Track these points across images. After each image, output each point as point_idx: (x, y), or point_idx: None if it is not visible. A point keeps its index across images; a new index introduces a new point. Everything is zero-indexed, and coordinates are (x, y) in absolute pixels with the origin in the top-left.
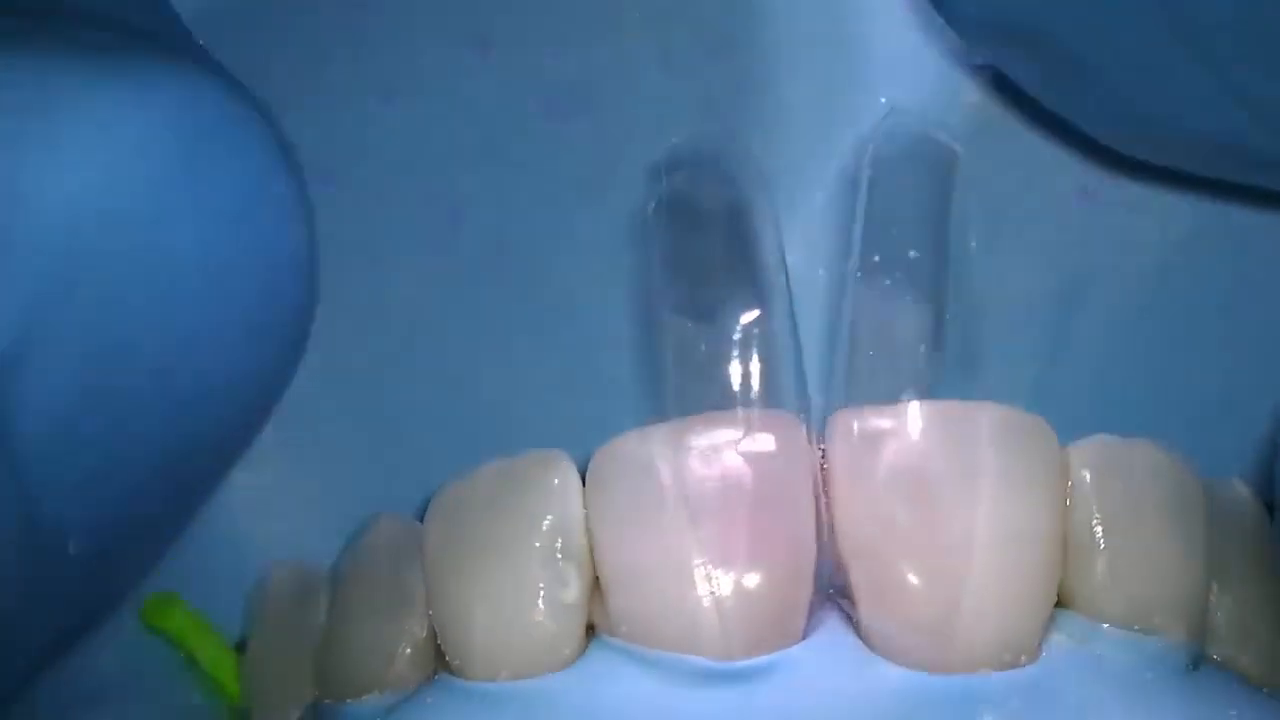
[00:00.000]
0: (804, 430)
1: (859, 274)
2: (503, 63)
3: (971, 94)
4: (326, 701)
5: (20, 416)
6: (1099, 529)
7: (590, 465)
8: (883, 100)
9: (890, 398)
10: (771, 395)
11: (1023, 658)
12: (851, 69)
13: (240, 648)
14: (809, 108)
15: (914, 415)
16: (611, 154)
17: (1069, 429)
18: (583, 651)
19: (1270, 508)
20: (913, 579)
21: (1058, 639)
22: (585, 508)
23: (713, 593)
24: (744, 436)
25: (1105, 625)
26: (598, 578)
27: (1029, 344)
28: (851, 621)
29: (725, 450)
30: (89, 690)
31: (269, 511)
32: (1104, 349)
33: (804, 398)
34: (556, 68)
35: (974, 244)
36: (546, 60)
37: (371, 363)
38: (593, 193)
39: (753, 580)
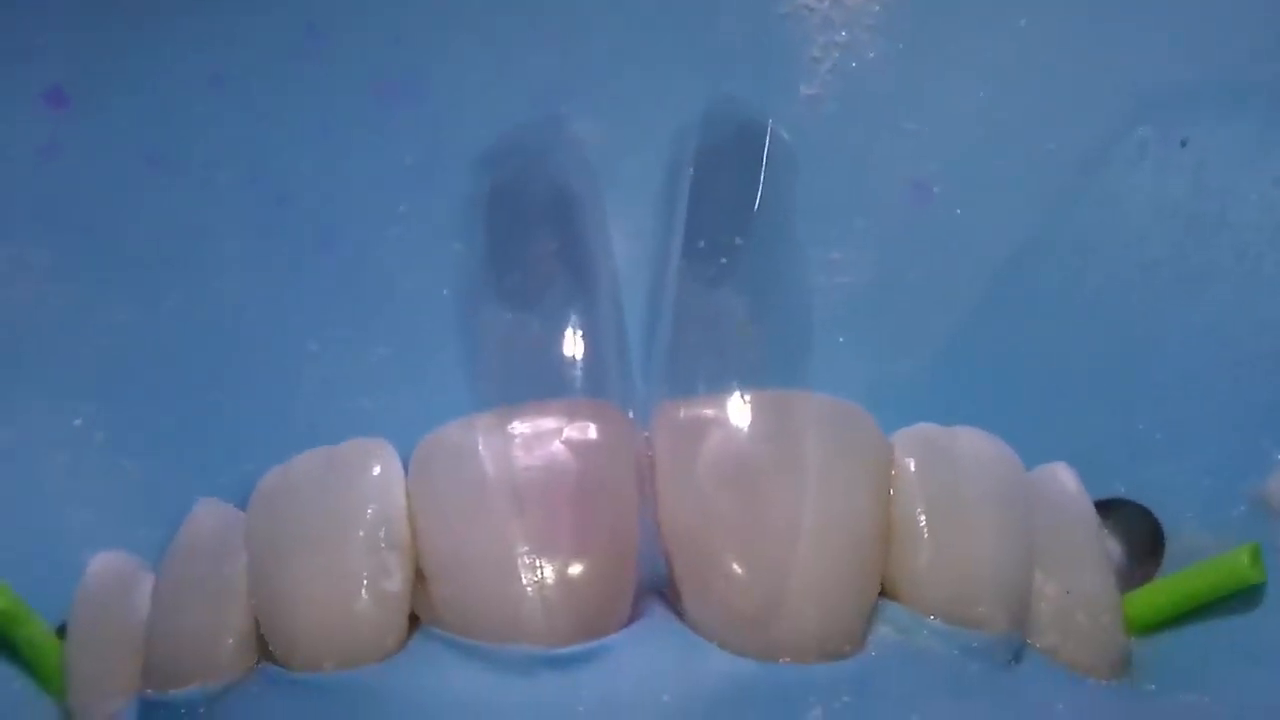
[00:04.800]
0: (628, 419)
1: (682, 261)
2: (332, 47)
3: (809, 86)
4: (150, 692)
5: None
6: (922, 517)
7: (414, 454)
8: (718, 89)
9: (713, 386)
10: (596, 384)
11: (847, 648)
12: (687, 58)
13: (61, 637)
14: (641, 97)
15: (736, 404)
16: (440, 142)
17: (899, 422)
18: (406, 642)
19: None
20: (736, 569)
21: (882, 630)
22: (409, 496)
23: (536, 581)
24: (568, 425)
25: (929, 617)
26: (420, 567)
27: (858, 336)
28: (676, 612)
29: (549, 439)
30: None
31: (90, 500)
32: (935, 343)
33: (629, 386)
34: (387, 54)
35: (801, 234)
36: (377, 47)
37: (196, 349)
38: (420, 180)
39: (576, 569)
